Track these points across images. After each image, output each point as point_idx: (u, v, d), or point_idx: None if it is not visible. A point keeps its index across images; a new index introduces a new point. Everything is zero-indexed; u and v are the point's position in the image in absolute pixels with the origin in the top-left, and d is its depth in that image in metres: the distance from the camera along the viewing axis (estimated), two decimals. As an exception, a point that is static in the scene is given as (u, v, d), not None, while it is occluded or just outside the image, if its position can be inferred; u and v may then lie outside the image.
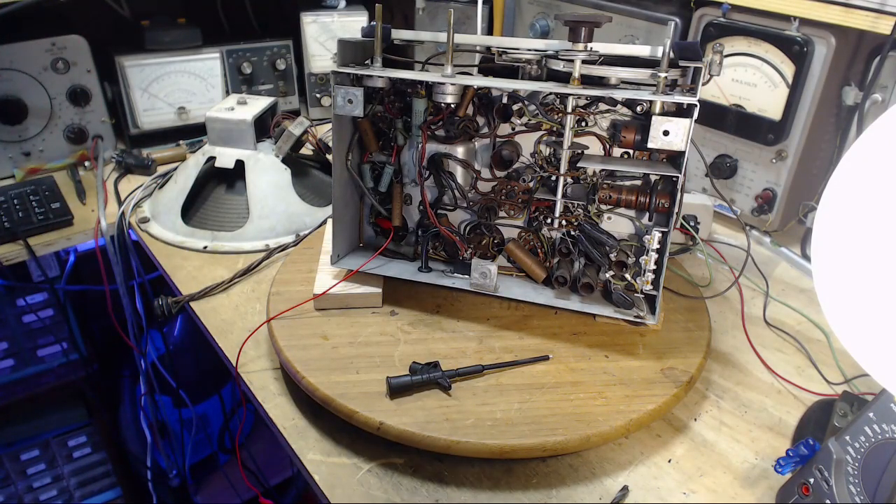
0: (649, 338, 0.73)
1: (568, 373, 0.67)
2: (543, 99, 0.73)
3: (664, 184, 0.71)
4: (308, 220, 0.99)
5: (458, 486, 0.60)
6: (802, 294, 0.89)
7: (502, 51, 0.72)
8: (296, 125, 0.99)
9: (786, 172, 0.95)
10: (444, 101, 0.71)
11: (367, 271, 0.78)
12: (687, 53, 0.66)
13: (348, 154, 0.77)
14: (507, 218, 0.79)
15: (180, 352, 1.42)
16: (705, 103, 0.94)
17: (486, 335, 0.73)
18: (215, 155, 1.00)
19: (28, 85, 1.11)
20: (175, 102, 1.25)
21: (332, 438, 0.64)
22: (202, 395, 1.43)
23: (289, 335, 0.72)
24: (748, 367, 0.76)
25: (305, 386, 0.66)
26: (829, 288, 0.46)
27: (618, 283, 0.73)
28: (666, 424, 0.67)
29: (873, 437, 0.52)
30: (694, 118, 0.63)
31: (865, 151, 0.45)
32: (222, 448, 1.46)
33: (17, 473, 1.41)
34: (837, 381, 0.74)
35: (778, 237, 1.00)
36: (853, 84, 0.89)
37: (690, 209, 0.96)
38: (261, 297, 0.85)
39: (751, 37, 0.92)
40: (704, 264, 0.93)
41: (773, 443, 0.65)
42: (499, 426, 0.60)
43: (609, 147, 0.73)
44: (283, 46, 1.33)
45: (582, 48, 0.67)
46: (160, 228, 1.00)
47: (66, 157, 1.19)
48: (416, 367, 0.66)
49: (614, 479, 0.61)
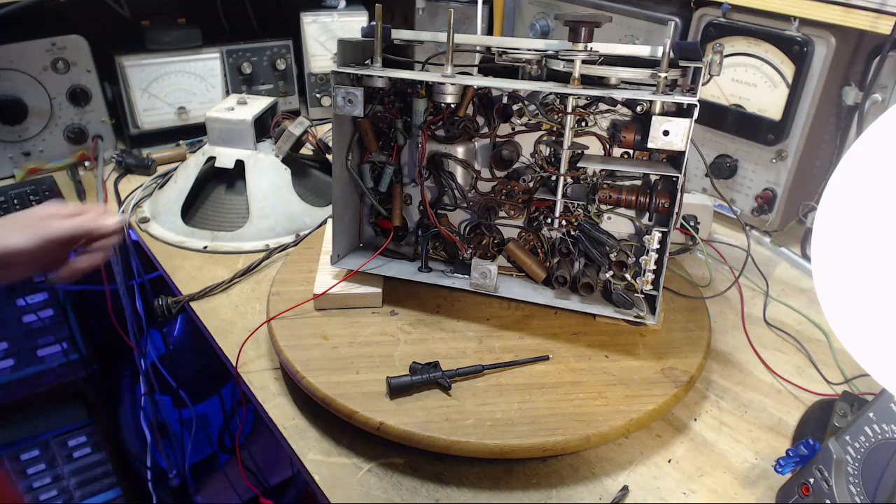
0: (649, 338, 0.73)
1: (568, 373, 0.67)
2: (543, 99, 0.73)
3: (664, 184, 0.71)
4: (308, 220, 0.99)
5: (458, 486, 0.60)
6: (802, 294, 0.89)
7: (502, 51, 0.72)
8: (296, 125, 0.99)
9: (786, 172, 0.95)
10: (444, 101, 0.71)
11: (367, 271, 0.78)
12: (687, 53, 0.66)
13: (348, 154, 0.77)
14: (507, 218, 0.79)
15: (180, 352, 1.42)
16: (705, 103, 0.94)
17: (486, 335, 0.73)
18: (215, 155, 1.00)
19: (28, 85, 1.11)
20: (175, 102, 1.25)
21: (332, 438, 0.64)
22: (202, 395, 1.43)
23: (289, 335, 0.72)
24: (748, 367, 0.76)
25: (305, 386, 0.66)
26: (828, 288, 0.46)
27: (618, 283, 0.73)
28: (666, 424, 0.67)
29: (873, 437, 0.52)
30: (694, 118, 0.63)
31: (865, 151, 0.45)
32: (222, 448, 1.46)
33: (17, 473, 1.41)
34: (837, 381, 0.74)
35: (778, 237, 1.00)
36: (853, 84, 0.89)
37: (690, 209, 0.96)
38: (261, 297, 0.85)
39: (751, 37, 0.92)
40: (704, 264, 0.93)
41: (773, 443, 0.65)
42: (499, 426, 0.60)
43: (609, 147, 0.73)
44: (283, 46, 1.33)
45: (582, 48, 0.67)
46: (160, 228, 1.00)
47: (66, 157, 1.19)
48: (416, 367, 0.66)
49: (614, 479, 0.61)
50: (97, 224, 0.74)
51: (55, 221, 0.71)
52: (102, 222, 0.74)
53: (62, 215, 0.72)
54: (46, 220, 0.71)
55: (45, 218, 0.71)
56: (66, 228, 0.71)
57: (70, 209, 0.74)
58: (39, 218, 0.71)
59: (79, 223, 0.72)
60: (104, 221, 0.74)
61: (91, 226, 0.74)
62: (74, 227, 0.72)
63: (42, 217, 0.72)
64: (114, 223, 0.76)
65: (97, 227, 0.74)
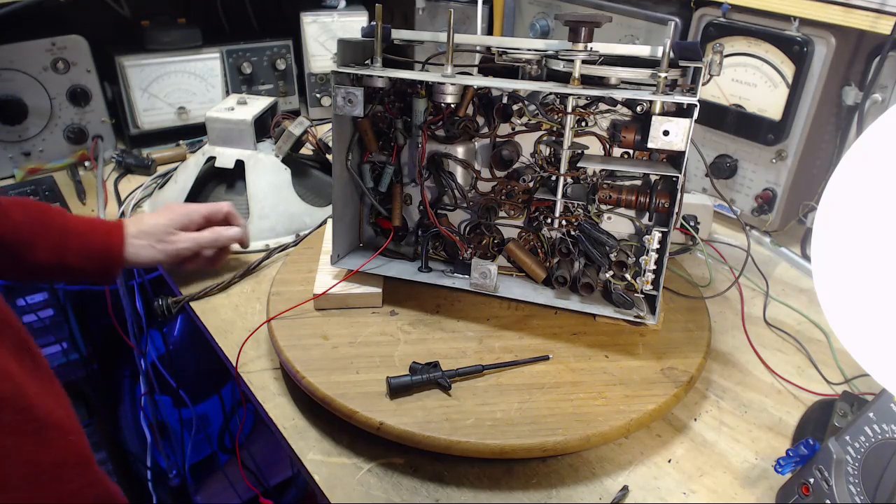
0: (649, 338, 0.73)
1: (568, 373, 0.67)
2: (543, 99, 0.73)
3: (664, 184, 0.71)
4: (308, 220, 0.99)
5: (458, 486, 0.60)
6: (802, 294, 0.89)
7: (502, 51, 0.72)
8: (296, 125, 0.99)
9: (786, 172, 0.95)
10: (444, 101, 0.71)
11: (367, 271, 0.78)
12: (687, 53, 0.66)
13: (348, 154, 0.77)
14: (507, 218, 0.79)
15: (180, 352, 1.41)
16: (705, 103, 0.94)
17: (486, 335, 0.73)
18: (215, 155, 1.00)
19: (28, 85, 1.11)
20: (175, 102, 1.25)
21: (332, 438, 0.64)
22: (202, 395, 1.43)
23: (289, 335, 0.72)
24: (748, 367, 0.76)
25: (305, 386, 0.66)
26: (828, 288, 0.46)
27: (618, 283, 0.73)
28: (666, 424, 0.67)
29: (873, 437, 0.52)
30: (694, 118, 0.63)
31: (865, 151, 0.45)
32: (222, 448, 1.46)
33: (17, 473, 1.40)
34: (837, 381, 0.74)
35: (778, 237, 1.00)
36: (853, 84, 0.89)
37: (690, 209, 0.96)
38: (261, 297, 0.85)
39: (751, 37, 0.92)
40: (704, 264, 0.93)
41: (773, 443, 0.65)
42: (499, 426, 0.60)
43: (609, 147, 0.73)
44: (283, 46, 1.33)
45: (582, 48, 0.67)
46: (160, 228, 1.00)
47: (66, 157, 1.19)
48: (416, 367, 0.66)
49: (614, 479, 0.61)
50: (220, 237, 0.83)
51: (183, 237, 0.80)
52: (225, 235, 0.83)
53: (191, 227, 0.82)
54: (176, 235, 0.80)
55: (174, 233, 0.80)
56: (193, 246, 0.80)
57: (197, 219, 0.82)
58: (169, 232, 0.79)
59: (204, 239, 0.81)
60: (227, 234, 0.83)
61: (215, 238, 0.82)
62: (201, 242, 0.81)
63: (172, 230, 0.79)
64: (234, 234, 0.84)
65: (220, 239, 0.83)
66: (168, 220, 0.80)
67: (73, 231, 0.75)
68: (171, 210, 0.81)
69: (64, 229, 0.74)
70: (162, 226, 0.79)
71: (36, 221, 0.73)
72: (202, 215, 0.82)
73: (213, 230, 0.83)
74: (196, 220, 0.82)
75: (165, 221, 0.79)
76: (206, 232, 0.82)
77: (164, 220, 0.79)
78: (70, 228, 0.75)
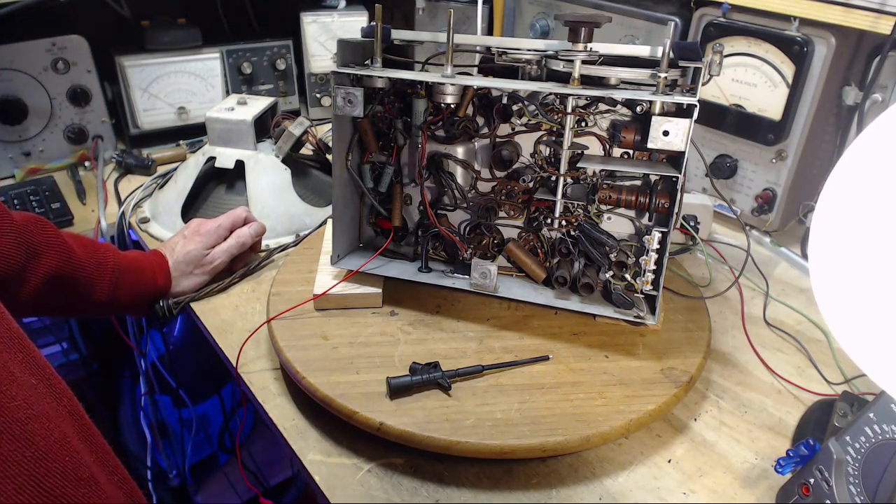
0: (649, 338, 0.73)
1: (568, 373, 0.67)
2: (543, 99, 0.73)
3: (664, 184, 0.71)
4: (308, 220, 0.99)
5: (458, 486, 0.60)
6: (802, 294, 0.89)
7: (502, 51, 0.72)
8: (296, 125, 0.99)
9: (786, 172, 0.95)
10: (444, 101, 0.71)
11: (367, 271, 0.78)
12: (687, 53, 0.66)
13: (348, 154, 0.77)
14: (506, 218, 0.79)
15: (180, 352, 1.41)
16: (705, 103, 0.94)
17: (486, 335, 0.73)
18: (215, 155, 1.00)
19: (28, 85, 1.11)
20: (175, 102, 1.25)
21: (332, 439, 0.64)
22: (202, 395, 1.43)
23: (289, 335, 0.72)
24: (748, 367, 0.76)
25: (305, 386, 0.66)
26: (826, 288, 0.46)
27: (618, 283, 0.73)
28: (666, 424, 0.67)
29: (873, 438, 0.52)
30: (694, 118, 0.63)
31: (864, 151, 0.45)
32: (222, 448, 1.46)
33: (17, 473, 1.40)
34: (837, 381, 0.74)
35: (778, 237, 1.00)
36: (853, 84, 0.89)
37: (690, 209, 0.96)
38: (261, 297, 0.85)
39: (751, 37, 0.92)
40: (704, 264, 0.93)
41: (773, 443, 0.65)
42: (499, 426, 0.60)
43: (609, 147, 0.73)
44: (283, 46, 1.33)
45: (582, 48, 0.67)
46: (160, 228, 1.00)
47: (66, 157, 1.19)
48: (416, 367, 0.66)
49: (614, 479, 0.61)
50: (245, 239, 0.87)
51: (217, 253, 0.84)
52: (247, 233, 0.87)
53: (220, 242, 0.85)
54: (210, 254, 0.84)
55: (208, 253, 0.84)
56: (226, 258, 0.85)
57: (223, 233, 0.86)
58: (205, 255, 0.84)
59: (234, 247, 0.86)
60: (249, 233, 0.87)
61: (242, 242, 0.86)
62: (231, 252, 0.85)
63: (206, 252, 0.84)
64: (255, 230, 0.88)
65: (246, 242, 0.87)
66: (200, 244, 0.83)
67: (125, 268, 0.77)
68: (199, 233, 0.84)
69: (117, 267, 0.76)
70: (198, 252, 0.83)
71: (93, 260, 0.74)
72: (226, 228, 0.86)
73: (236, 235, 0.86)
74: (223, 235, 0.85)
75: (199, 247, 0.83)
76: (231, 239, 0.86)
77: (198, 246, 0.83)
78: (122, 266, 0.77)
